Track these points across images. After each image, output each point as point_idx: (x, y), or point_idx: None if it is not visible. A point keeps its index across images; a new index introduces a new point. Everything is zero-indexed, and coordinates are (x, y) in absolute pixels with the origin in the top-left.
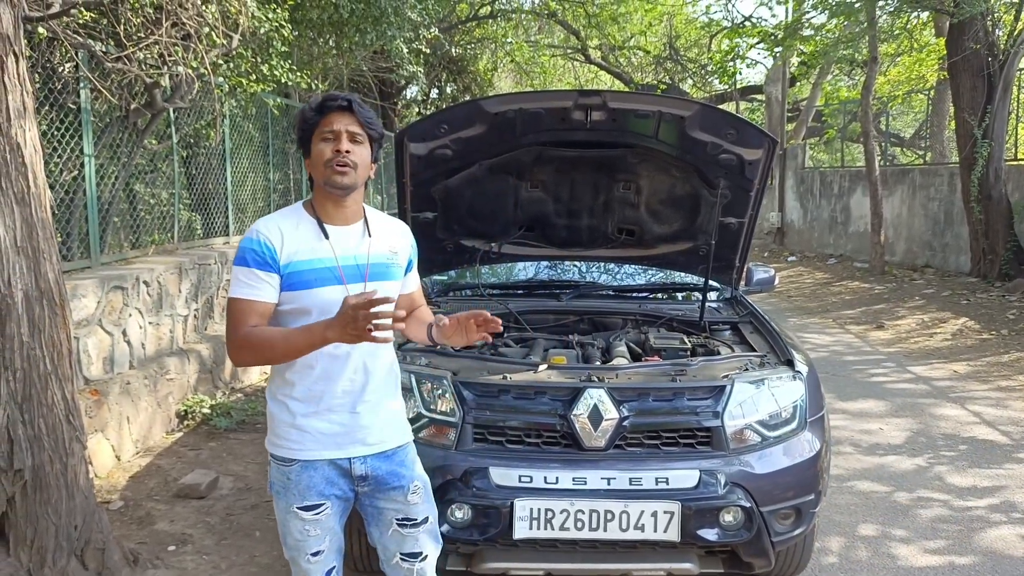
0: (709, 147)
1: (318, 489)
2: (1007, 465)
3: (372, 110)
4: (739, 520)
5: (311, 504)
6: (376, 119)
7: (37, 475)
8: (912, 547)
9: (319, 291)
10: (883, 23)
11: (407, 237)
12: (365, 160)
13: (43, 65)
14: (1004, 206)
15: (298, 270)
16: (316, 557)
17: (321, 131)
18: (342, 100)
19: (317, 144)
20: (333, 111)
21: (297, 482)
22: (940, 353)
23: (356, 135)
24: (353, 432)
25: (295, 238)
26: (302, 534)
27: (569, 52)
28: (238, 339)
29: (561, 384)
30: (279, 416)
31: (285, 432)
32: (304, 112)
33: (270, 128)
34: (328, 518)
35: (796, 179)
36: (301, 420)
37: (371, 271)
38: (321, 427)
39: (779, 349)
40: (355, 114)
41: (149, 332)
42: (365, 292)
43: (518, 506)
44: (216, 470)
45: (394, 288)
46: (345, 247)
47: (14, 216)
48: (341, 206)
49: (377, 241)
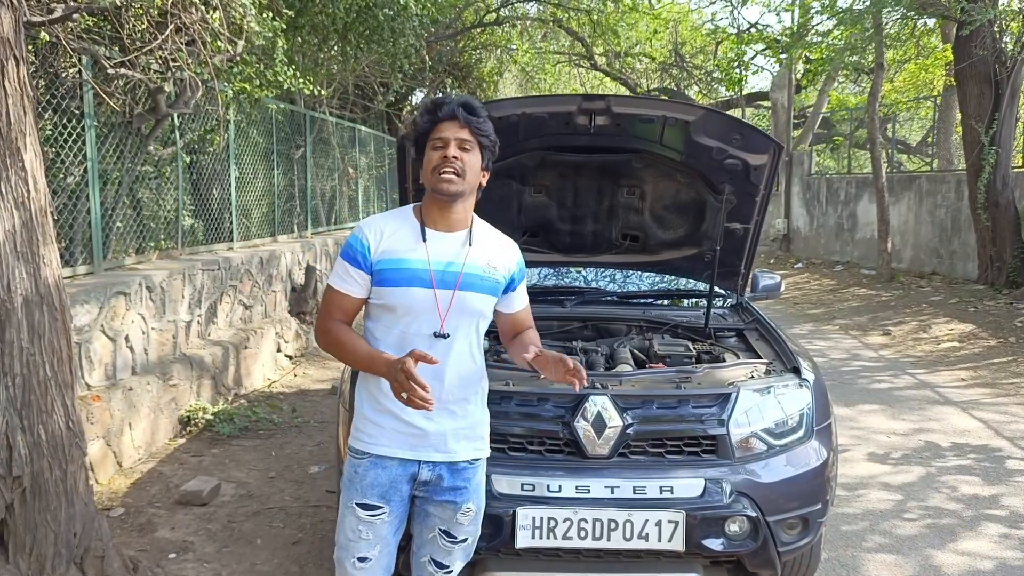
0: (714, 152)
1: (381, 490)
2: (1015, 474)
3: (485, 116)
4: (745, 529)
5: (370, 504)
6: (488, 126)
7: (36, 482)
8: (921, 557)
9: (406, 291)
10: (890, 29)
11: (513, 254)
12: (475, 167)
13: (46, 70)
14: (1011, 213)
15: (389, 268)
16: (362, 564)
17: (432, 139)
18: (451, 107)
19: (428, 151)
20: (445, 119)
21: (363, 476)
22: (947, 360)
23: (465, 142)
24: (428, 436)
25: (394, 238)
26: (354, 534)
27: (574, 59)
28: (322, 326)
29: (564, 391)
30: (361, 408)
31: (363, 425)
32: (416, 119)
33: (274, 133)
34: (383, 525)
35: (802, 186)
36: (379, 416)
37: (464, 280)
38: (398, 426)
39: (785, 356)
40: (462, 120)
41: (152, 338)
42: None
43: (520, 515)
44: (218, 477)
45: (486, 303)
46: (442, 252)
47: (14, 221)
48: (447, 212)
49: (476, 251)
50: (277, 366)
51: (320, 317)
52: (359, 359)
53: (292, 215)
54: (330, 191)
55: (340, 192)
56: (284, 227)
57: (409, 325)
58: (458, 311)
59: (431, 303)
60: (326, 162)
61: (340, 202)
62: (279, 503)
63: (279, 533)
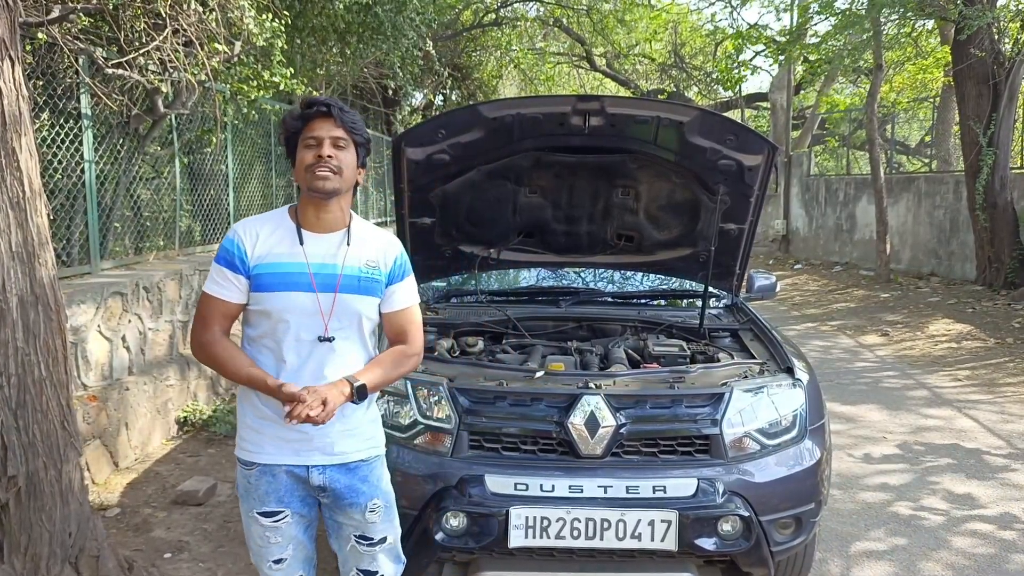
0: (708, 153)
1: (277, 496)
2: (1008, 474)
3: (356, 114)
4: (738, 529)
5: (270, 511)
6: (360, 123)
7: (31, 482)
8: (913, 556)
9: (286, 295)
10: (888, 31)
11: (392, 250)
12: (350, 165)
13: (43, 70)
14: (1009, 214)
15: (266, 272)
16: (278, 565)
17: (304, 138)
18: (322, 106)
19: (301, 150)
20: (315, 117)
21: (256, 486)
22: (944, 361)
23: (339, 140)
24: (312, 440)
25: (269, 241)
26: (263, 540)
27: (574, 59)
28: (200, 338)
29: (558, 391)
30: (243, 418)
31: (247, 434)
32: (286, 119)
33: (272, 134)
34: (289, 526)
35: (801, 186)
36: (261, 423)
37: (343, 282)
38: (280, 432)
39: (779, 356)
40: (337, 119)
41: (149, 338)
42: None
43: (514, 514)
44: (214, 477)
45: (367, 304)
46: (320, 254)
47: (9, 221)
48: (323, 212)
49: (354, 251)
50: None
51: (196, 327)
52: (239, 378)
53: None
54: None
55: None
56: None
57: (289, 330)
58: (340, 314)
59: (314, 307)
60: None
61: None
62: None
63: None
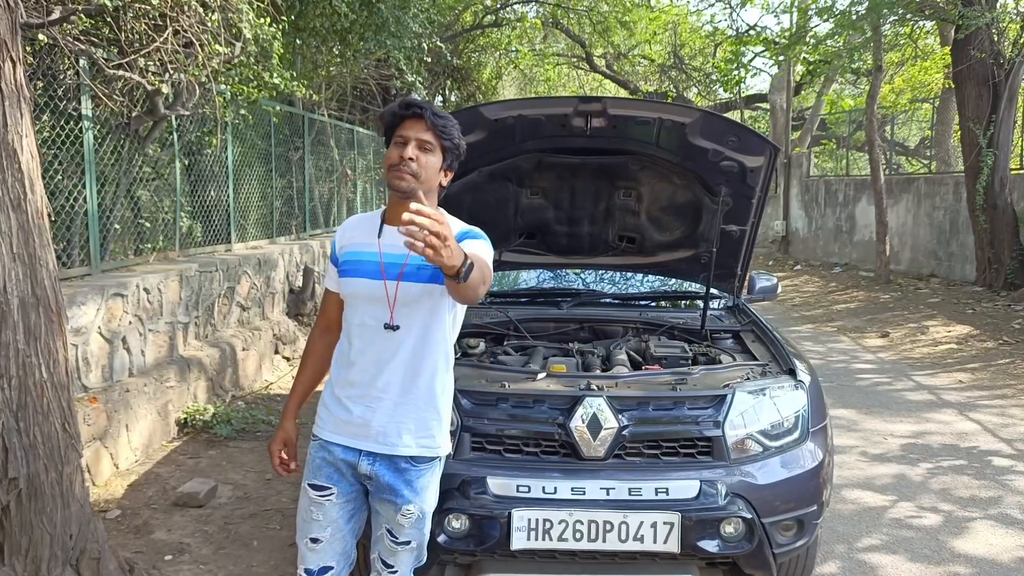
0: (710, 154)
1: (327, 472)
2: (1009, 476)
3: (450, 119)
4: (740, 531)
5: (319, 484)
6: (451, 128)
7: (32, 484)
8: (916, 558)
9: (356, 280)
10: (888, 32)
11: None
12: (432, 167)
13: (44, 71)
14: (1009, 215)
15: (346, 260)
16: (314, 544)
17: (396, 135)
18: (416, 108)
19: (391, 147)
20: (408, 118)
21: (314, 458)
22: (944, 362)
23: (426, 143)
24: (369, 427)
25: (355, 233)
26: (307, 513)
27: (574, 60)
28: (313, 331)
29: (560, 393)
30: (323, 396)
31: (320, 410)
32: (384, 115)
33: (272, 136)
34: (333, 507)
35: (801, 187)
36: (332, 402)
37: (407, 270)
38: (341, 413)
39: (781, 358)
40: (428, 121)
41: (149, 339)
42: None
43: (516, 516)
44: (215, 478)
45: (428, 291)
46: (394, 244)
47: (10, 222)
48: (403, 208)
49: None
50: (275, 368)
51: (318, 316)
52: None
53: (290, 217)
54: (328, 193)
55: (338, 194)
56: (282, 229)
57: (363, 315)
58: (404, 302)
59: (380, 293)
60: (324, 164)
61: (338, 204)
62: (276, 505)
63: (276, 535)
